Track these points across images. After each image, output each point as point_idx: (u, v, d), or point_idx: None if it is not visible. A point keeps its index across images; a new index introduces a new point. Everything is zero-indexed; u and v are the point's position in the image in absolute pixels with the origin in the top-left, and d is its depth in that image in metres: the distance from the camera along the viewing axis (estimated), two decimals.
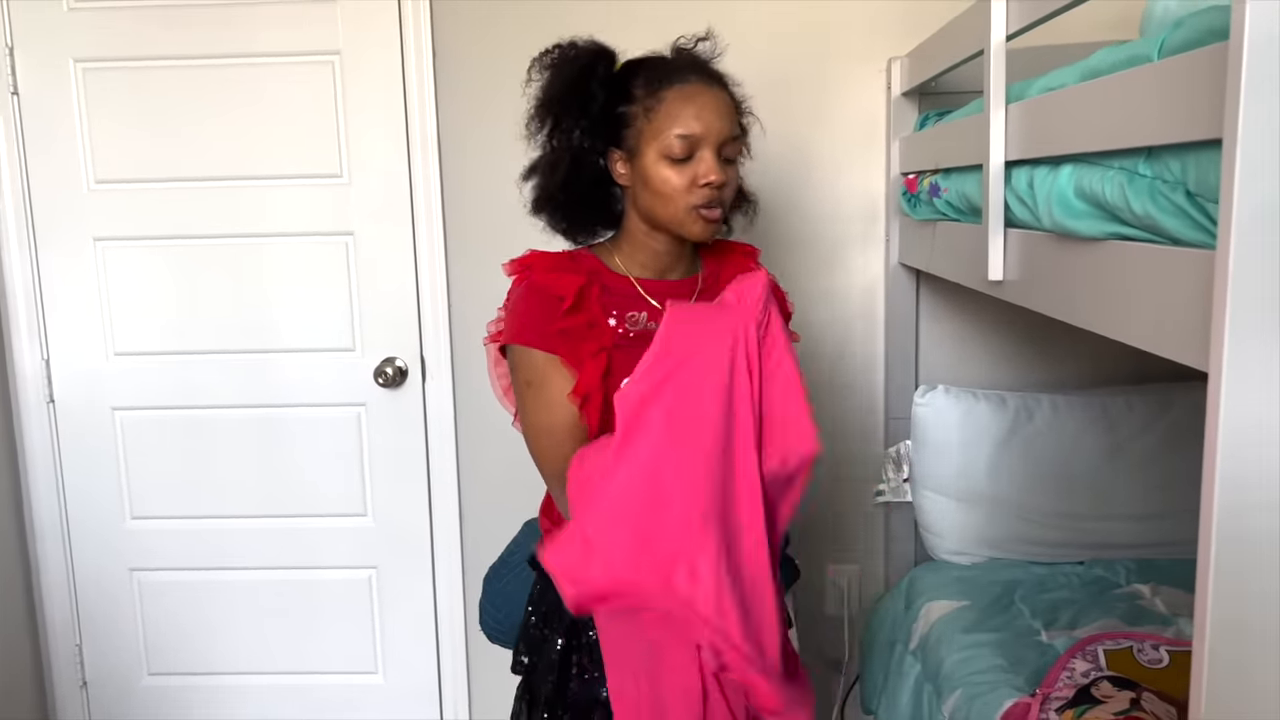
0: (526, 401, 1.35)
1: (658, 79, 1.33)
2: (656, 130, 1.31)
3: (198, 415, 2.37)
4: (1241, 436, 0.65)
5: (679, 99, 1.31)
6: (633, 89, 1.33)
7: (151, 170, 2.27)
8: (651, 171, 1.31)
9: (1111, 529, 2.08)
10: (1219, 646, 0.67)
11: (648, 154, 1.31)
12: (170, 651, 2.49)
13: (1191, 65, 0.78)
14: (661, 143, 1.30)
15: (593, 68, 1.34)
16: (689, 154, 1.30)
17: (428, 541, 2.42)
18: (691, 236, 1.36)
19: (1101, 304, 1.00)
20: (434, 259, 2.29)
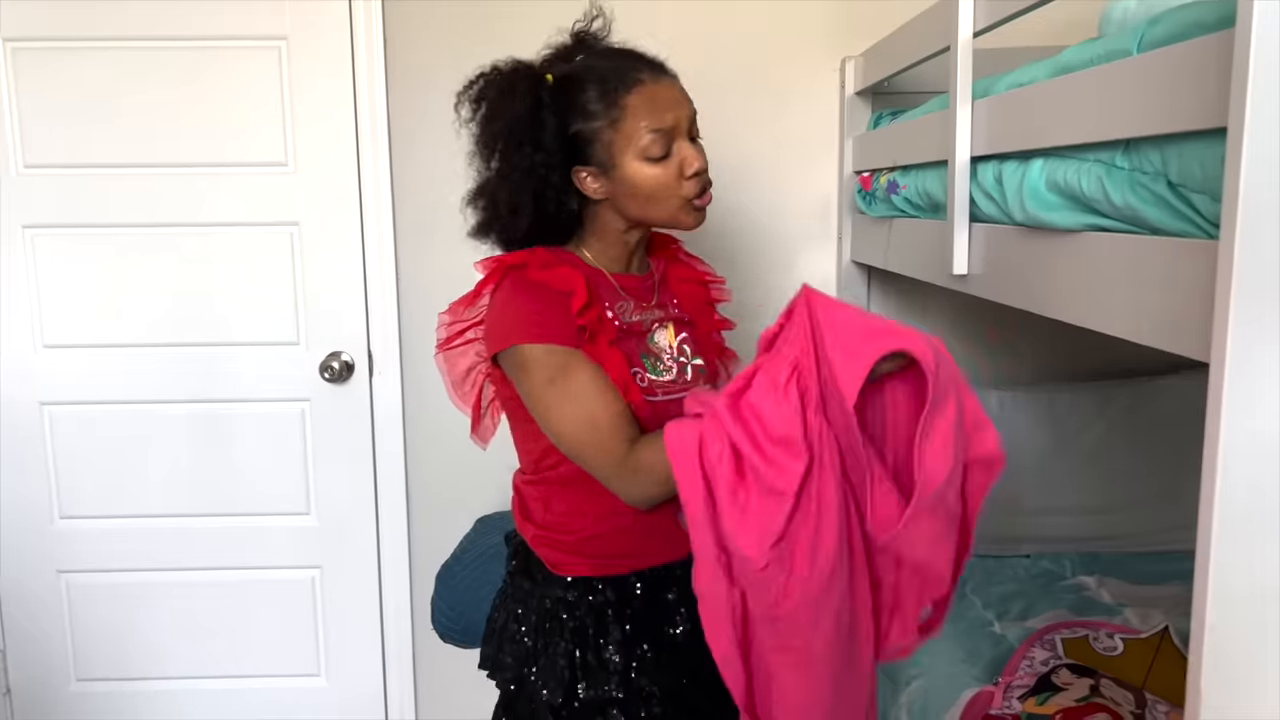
0: (550, 399, 1.26)
1: (610, 88, 1.28)
2: (629, 137, 1.27)
3: (132, 410, 2.28)
4: (1244, 427, 0.66)
5: (641, 101, 1.27)
6: (586, 104, 1.28)
7: (85, 155, 2.18)
8: (637, 176, 1.28)
9: (1055, 522, 2.13)
10: (1218, 643, 0.68)
11: (626, 161, 1.28)
12: (100, 656, 2.39)
13: (1181, 57, 0.79)
14: (638, 147, 1.27)
15: (536, 94, 1.28)
16: (667, 150, 1.28)
17: (373, 540, 2.37)
18: (685, 228, 1.35)
19: (1079, 295, 1.01)
20: (383, 251, 2.24)
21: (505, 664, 1.40)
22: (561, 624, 1.35)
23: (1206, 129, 0.78)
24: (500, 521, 2.12)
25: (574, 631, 1.34)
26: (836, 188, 2.24)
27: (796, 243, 2.28)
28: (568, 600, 1.36)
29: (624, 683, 1.32)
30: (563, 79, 1.30)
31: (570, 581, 1.36)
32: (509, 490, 2.31)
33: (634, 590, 1.36)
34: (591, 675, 1.33)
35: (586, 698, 1.32)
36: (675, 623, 1.38)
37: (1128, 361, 2.23)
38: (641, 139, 1.27)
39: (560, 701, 1.33)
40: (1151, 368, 2.21)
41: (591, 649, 1.33)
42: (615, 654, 1.33)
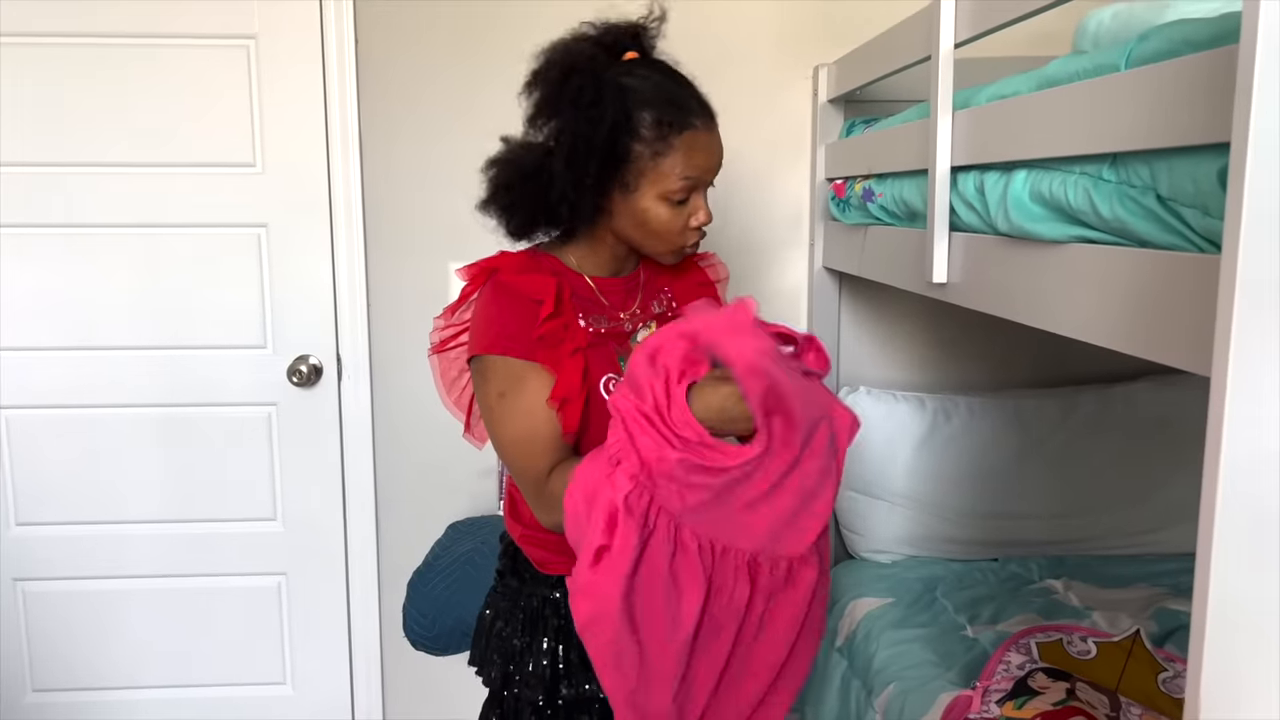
0: (498, 412, 1.27)
1: (668, 120, 1.26)
2: (661, 174, 1.27)
3: (93, 415, 2.23)
4: (1246, 439, 0.67)
5: (688, 147, 1.28)
6: (639, 125, 1.26)
7: (47, 153, 2.13)
8: (650, 212, 1.29)
9: (1023, 527, 2.16)
10: (1217, 654, 0.69)
11: (646, 193, 1.28)
12: (58, 666, 2.33)
13: (1176, 73, 0.81)
14: (664, 186, 1.28)
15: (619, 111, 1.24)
16: (686, 198, 1.30)
17: (341, 547, 2.33)
18: (663, 262, 1.39)
19: (1067, 306, 1.03)
20: (353, 254, 2.22)
21: (493, 661, 1.40)
22: (546, 622, 1.36)
23: (1201, 144, 0.79)
24: (472, 528, 2.10)
25: (558, 630, 1.35)
26: (808, 194, 2.26)
27: (767, 249, 2.29)
28: (553, 599, 1.36)
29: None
30: (634, 92, 1.27)
31: (556, 580, 1.36)
32: (480, 496, 2.32)
33: None
34: (574, 674, 1.34)
35: (568, 696, 1.34)
36: None
37: (1092, 368, 2.27)
38: (672, 183, 1.28)
39: (542, 700, 1.34)
40: (1115, 374, 2.25)
41: (575, 648, 1.34)
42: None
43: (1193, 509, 2.36)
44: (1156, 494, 2.15)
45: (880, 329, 2.29)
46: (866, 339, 2.30)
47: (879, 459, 2.16)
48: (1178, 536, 2.15)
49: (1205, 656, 0.67)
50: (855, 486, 2.18)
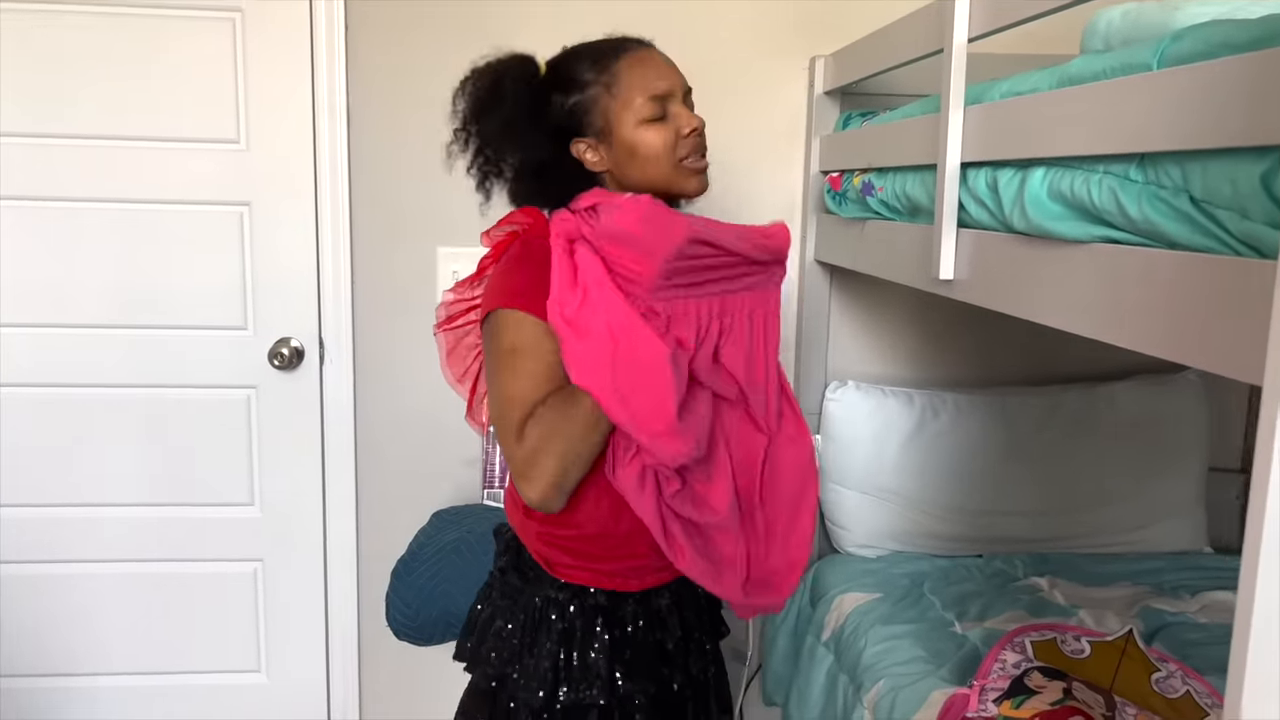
0: (504, 367, 1.24)
1: (602, 57, 1.31)
2: (625, 101, 1.29)
3: (67, 395, 2.17)
4: None
5: (634, 65, 1.31)
6: (579, 77, 1.30)
7: (22, 125, 2.06)
8: (635, 139, 1.29)
9: (1007, 523, 2.17)
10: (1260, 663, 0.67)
11: (624, 125, 1.29)
12: (27, 650, 2.27)
13: (1217, 74, 0.80)
14: (635, 110, 1.28)
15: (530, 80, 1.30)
16: (663, 113, 1.30)
17: (320, 533, 2.29)
18: (688, 193, 1.36)
19: (1091, 307, 1.02)
20: (338, 235, 2.17)
21: (489, 660, 1.37)
22: (550, 625, 1.32)
23: (1241, 146, 0.78)
24: (457, 516, 2.07)
25: (561, 633, 1.32)
26: (801, 186, 2.24)
27: None
28: (558, 600, 1.33)
29: (607, 688, 1.31)
30: (553, 63, 1.33)
31: (561, 583, 1.33)
32: (464, 485, 2.29)
33: (626, 599, 1.35)
34: (574, 679, 1.31)
35: (567, 701, 1.30)
36: (668, 631, 1.37)
37: (1078, 367, 2.28)
38: (637, 99, 1.29)
39: (541, 703, 1.30)
40: (1101, 374, 2.26)
41: (577, 652, 1.31)
42: (600, 658, 1.31)
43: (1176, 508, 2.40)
44: (1141, 492, 2.17)
45: (870, 324, 2.29)
46: (856, 333, 2.29)
47: (866, 454, 2.16)
48: (1162, 535, 2.17)
49: (1248, 666, 0.66)
50: (842, 481, 2.18)
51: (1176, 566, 2.09)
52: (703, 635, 1.48)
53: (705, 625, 1.48)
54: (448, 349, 1.42)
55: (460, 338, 1.41)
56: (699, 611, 1.47)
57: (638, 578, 1.35)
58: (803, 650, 2.06)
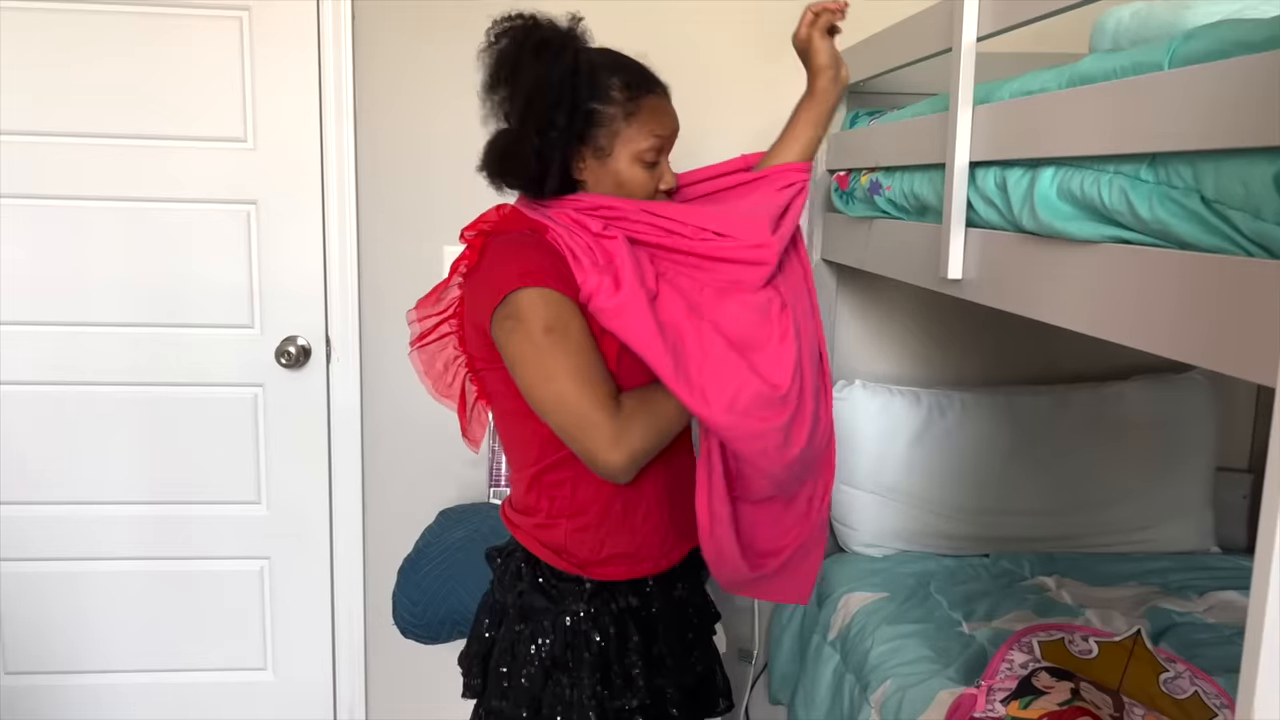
0: (546, 350, 1.19)
1: (636, 84, 1.30)
2: (633, 136, 1.29)
3: (75, 392, 2.18)
4: None
5: (655, 107, 1.31)
6: (609, 89, 1.28)
7: (28, 123, 2.07)
8: (626, 174, 1.30)
9: (1014, 523, 2.16)
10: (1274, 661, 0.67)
11: (621, 156, 1.30)
12: (34, 648, 2.28)
13: (1230, 73, 0.79)
14: (637, 147, 1.30)
15: (577, 59, 1.26)
16: (656, 161, 1.33)
17: (326, 532, 2.30)
18: None
19: (1101, 307, 1.01)
20: (344, 233, 2.17)
21: (517, 688, 1.33)
22: (587, 639, 1.31)
23: (1254, 147, 0.78)
24: (464, 515, 2.08)
25: (601, 646, 1.31)
26: None
27: None
28: (590, 613, 1.32)
29: (648, 688, 1.33)
30: (595, 59, 1.30)
31: (590, 591, 1.32)
32: (470, 483, 2.29)
33: (651, 590, 1.37)
34: (616, 686, 1.32)
35: (612, 707, 1.31)
36: (688, 618, 1.40)
37: (1085, 366, 2.28)
38: (644, 142, 1.30)
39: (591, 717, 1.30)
40: (1107, 373, 2.26)
41: (615, 660, 1.32)
42: (638, 660, 1.32)
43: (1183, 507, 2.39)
44: (1147, 492, 2.17)
45: (877, 323, 2.29)
46: (863, 333, 2.29)
47: (873, 453, 2.16)
48: (1169, 535, 2.16)
49: (1261, 664, 0.66)
50: (849, 480, 2.18)
51: (1184, 566, 2.08)
52: (709, 622, 1.51)
53: (709, 611, 1.51)
54: (424, 368, 1.40)
55: (435, 354, 1.38)
56: (704, 594, 1.49)
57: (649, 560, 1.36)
58: (809, 649, 2.06)
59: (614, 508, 1.32)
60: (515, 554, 1.38)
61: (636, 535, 1.34)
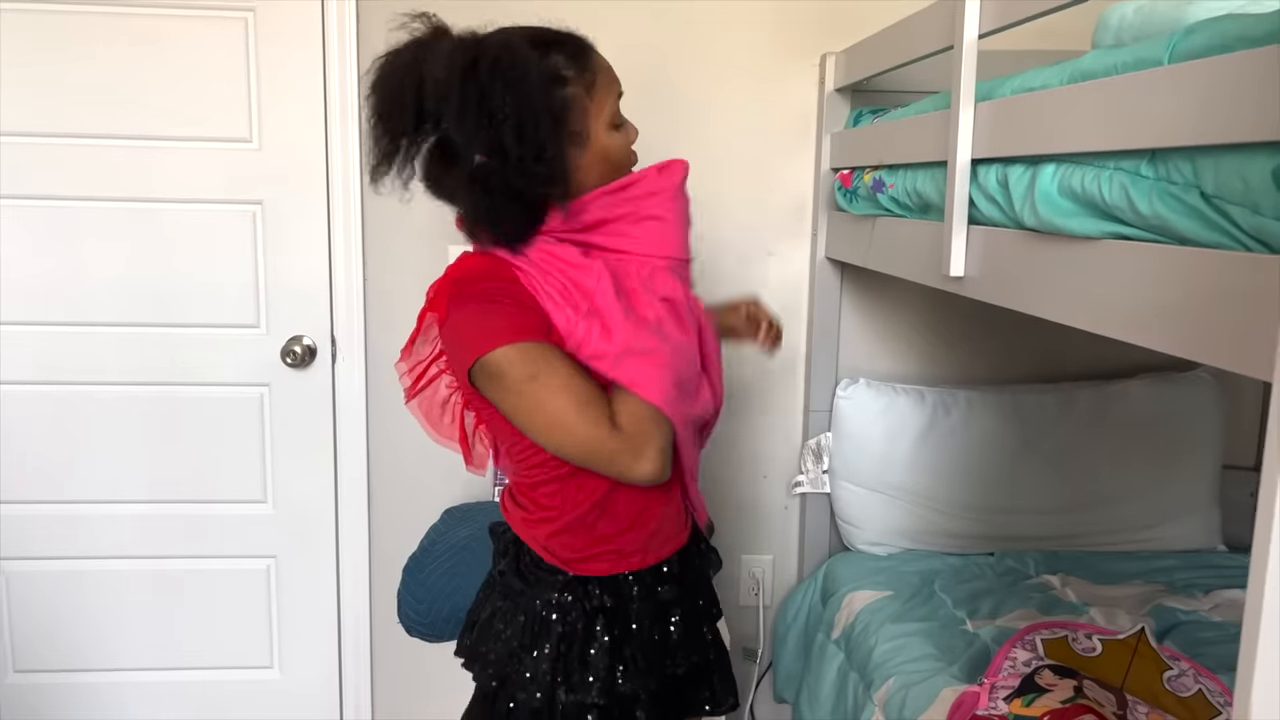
0: (533, 395, 1.19)
1: (578, 53, 1.25)
2: (600, 103, 1.26)
3: (81, 392, 2.19)
4: None
5: (601, 65, 1.28)
6: (561, 70, 1.21)
7: (35, 124, 2.07)
8: (610, 144, 1.28)
9: (1019, 521, 2.16)
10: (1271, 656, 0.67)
11: (599, 130, 1.26)
12: (41, 647, 2.29)
13: (1230, 68, 0.79)
14: (608, 112, 1.27)
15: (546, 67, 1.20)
16: (622, 121, 1.31)
17: (332, 530, 2.31)
18: None
19: (1102, 304, 1.01)
20: (349, 233, 2.18)
21: (487, 660, 1.36)
22: (549, 627, 1.31)
23: (1253, 142, 0.78)
24: (469, 513, 2.08)
25: (561, 636, 1.31)
26: (812, 184, 2.24)
27: (770, 238, 2.28)
28: (560, 603, 1.32)
29: (606, 689, 1.30)
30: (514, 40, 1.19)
31: (564, 582, 1.33)
32: (475, 481, 2.30)
33: (630, 592, 1.35)
34: (573, 680, 1.30)
35: (567, 701, 1.30)
36: (669, 620, 1.37)
37: (1090, 364, 2.27)
38: (610, 104, 1.28)
39: (540, 704, 1.30)
40: (1112, 371, 2.26)
41: (576, 654, 1.31)
42: (600, 659, 1.31)
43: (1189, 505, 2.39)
44: (1153, 490, 2.16)
45: (881, 321, 2.28)
46: (867, 331, 2.29)
47: (878, 452, 2.16)
48: (1174, 533, 2.16)
49: (1258, 659, 0.66)
50: (853, 479, 2.18)
51: (1190, 564, 2.08)
52: (701, 622, 1.47)
53: (704, 611, 1.48)
54: (423, 413, 1.40)
55: (430, 397, 1.38)
56: (698, 595, 1.47)
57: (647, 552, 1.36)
58: (813, 648, 2.06)
59: (595, 514, 1.32)
60: (508, 534, 1.40)
61: (619, 537, 1.34)
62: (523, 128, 1.16)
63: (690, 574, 1.45)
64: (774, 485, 2.38)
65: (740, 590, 2.41)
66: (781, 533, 2.41)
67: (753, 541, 2.41)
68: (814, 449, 2.25)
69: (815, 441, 2.25)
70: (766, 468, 2.36)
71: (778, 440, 2.35)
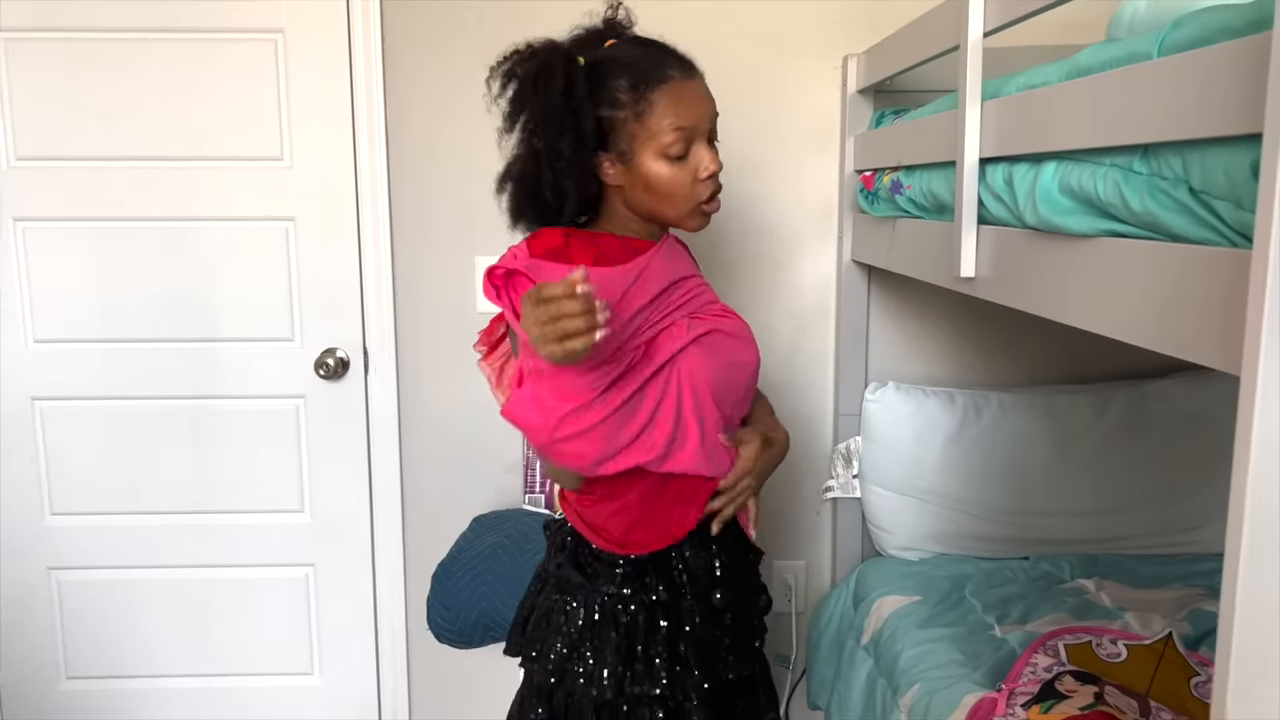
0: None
1: (641, 79, 1.29)
2: (651, 132, 1.29)
3: (125, 406, 2.26)
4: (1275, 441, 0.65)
5: (668, 98, 1.29)
6: (615, 93, 1.29)
7: (77, 148, 2.15)
8: (653, 173, 1.31)
9: (1055, 525, 2.12)
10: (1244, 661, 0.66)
11: (644, 156, 1.30)
12: (91, 653, 2.37)
13: (1209, 61, 0.78)
14: (659, 143, 1.29)
15: (569, 77, 1.28)
16: (686, 151, 1.31)
17: (368, 538, 2.35)
18: (689, 230, 1.38)
19: (1093, 301, 1.00)
20: (379, 247, 2.22)
21: (545, 655, 1.39)
22: (616, 619, 1.35)
23: (1233, 135, 0.76)
24: (496, 521, 2.10)
25: (627, 628, 1.35)
26: (837, 186, 2.23)
27: (796, 241, 2.27)
28: (623, 595, 1.36)
29: (667, 682, 1.34)
30: (594, 64, 1.31)
31: (623, 576, 1.36)
32: (507, 489, 2.32)
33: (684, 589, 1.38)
34: (638, 674, 1.34)
35: (631, 693, 1.33)
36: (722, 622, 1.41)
37: (1126, 364, 2.22)
38: (664, 136, 1.29)
39: (603, 698, 1.33)
40: (1149, 370, 2.20)
41: (641, 646, 1.34)
42: (663, 653, 1.34)
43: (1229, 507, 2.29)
44: (1193, 492, 2.10)
45: (909, 323, 2.26)
46: (895, 333, 2.26)
47: (908, 455, 2.13)
48: (1214, 535, 2.10)
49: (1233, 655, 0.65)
50: (883, 483, 2.16)
51: None
52: (752, 634, 1.50)
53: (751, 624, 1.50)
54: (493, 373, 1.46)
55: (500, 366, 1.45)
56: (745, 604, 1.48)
57: None
58: (843, 654, 2.05)
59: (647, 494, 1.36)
60: (565, 528, 1.44)
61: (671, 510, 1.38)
62: (537, 133, 1.29)
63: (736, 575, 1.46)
64: (806, 490, 2.36)
65: (774, 596, 2.39)
66: (814, 538, 2.40)
67: (786, 547, 2.40)
68: (844, 453, 2.23)
69: (845, 446, 2.23)
70: (797, 472, 2.35)
71: (808, 444, 2.34)
